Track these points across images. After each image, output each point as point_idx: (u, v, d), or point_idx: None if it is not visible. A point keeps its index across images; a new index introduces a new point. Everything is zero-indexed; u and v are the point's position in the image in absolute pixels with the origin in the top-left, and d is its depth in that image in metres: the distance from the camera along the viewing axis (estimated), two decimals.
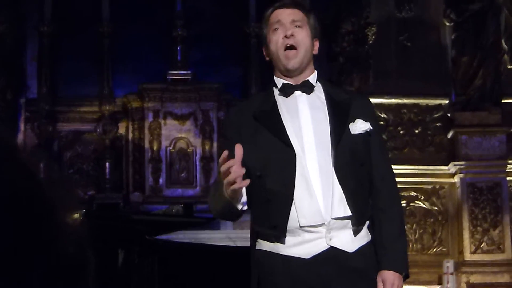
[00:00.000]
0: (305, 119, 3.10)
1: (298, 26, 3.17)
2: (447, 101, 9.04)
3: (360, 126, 3.12)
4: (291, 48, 3.14)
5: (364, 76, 9.01)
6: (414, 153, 8.98)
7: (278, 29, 3.17)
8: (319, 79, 3.22)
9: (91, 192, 9.05)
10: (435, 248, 8.86)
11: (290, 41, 3.14)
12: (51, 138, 9.51)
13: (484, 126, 8.81)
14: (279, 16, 3.19)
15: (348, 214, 3.02)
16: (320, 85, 3.21)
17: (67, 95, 9.67)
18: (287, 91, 3.16)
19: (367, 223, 3.12)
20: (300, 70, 3.17)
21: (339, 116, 3.11)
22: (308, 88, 3.17)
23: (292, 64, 3.14)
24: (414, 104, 9.07)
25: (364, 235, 3.09)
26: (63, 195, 1.70)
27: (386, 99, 9.00)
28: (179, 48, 9.71)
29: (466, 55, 8.90)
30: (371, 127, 3.13)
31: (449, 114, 8.96)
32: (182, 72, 9.59)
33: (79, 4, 9.83)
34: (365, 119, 3.14)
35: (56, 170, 9.15)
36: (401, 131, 9.02)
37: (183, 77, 9.58)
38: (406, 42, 9.09)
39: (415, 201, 8.90)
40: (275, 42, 3.16)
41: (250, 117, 3.13)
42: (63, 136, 9.63)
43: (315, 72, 3.22)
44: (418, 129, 9.02)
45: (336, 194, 3.02)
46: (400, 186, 3.54)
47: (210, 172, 9.39)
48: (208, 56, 9.82)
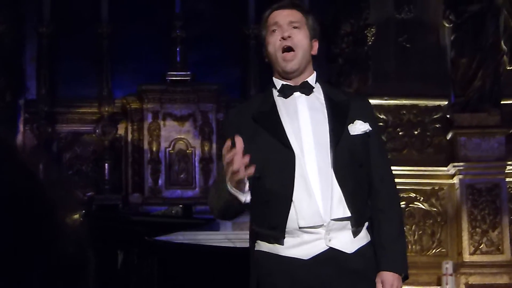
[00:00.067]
0: (304, 120, 3.10)
1: (296, 27, 3.16)
2: (446, 102, 9.03)
3: (359, 127, 3.12)
4: (288, 50, 3.13)
5: (363, 77, 9.01)
6: (413, 154, 8.97)
7: (275, 30, 3.16)
8: (318, 80, 3.22)
9: (90, 193, 9.04)
10: (434, 249, 8.85)
11: (288, 42, 3.13)
12: (50, 139, 9.49)
13: (483, 127, 8.80)
14: (276, 17, 3.18)
15: (347, 215, 3.02)
16: (319, 86, 3.20)
17: (66, 96, 9.65)
18: (286, 92, 3.16)
19: (367, 224, 3.11)
20: (299, 72, 3.16)
21: (338, 117, 3.11)
22: (307, 89, 3.17)
23: (290, 66, 3.14)
24: (413, 105, 9.06)
25: (364, 236, 3.09)
26: (63, 195, 1.70)
27: (385, 100, 8.99)
28: (178, 49, 9.70)
29: (465, 56, 8.89)
30: (370, 128, 3.13)
31: (448, 115, 8.96)
32: (181, 73, 9.58)
33: (78, 4, 9.81)
34: (364, 120, 3.13)
35: (55, 170, 9.13)
36: (400, 132, 9.01)
37: (182, 78, 9.57)
38: (405, 44, 9.08)
39: (414, 202, 8.89)
40: (273, 44, 3.15)
41: (249, 118, 3.13)
42: (62, 137, 9.61)
43: (315, 73, 3.22)
44: (417, 130, 9.01)
45: (335, 195, 3.02)
46: (399, 187, 3.53)
47: (209, 173, 9.38)
48: (207, 57, 9.81)
